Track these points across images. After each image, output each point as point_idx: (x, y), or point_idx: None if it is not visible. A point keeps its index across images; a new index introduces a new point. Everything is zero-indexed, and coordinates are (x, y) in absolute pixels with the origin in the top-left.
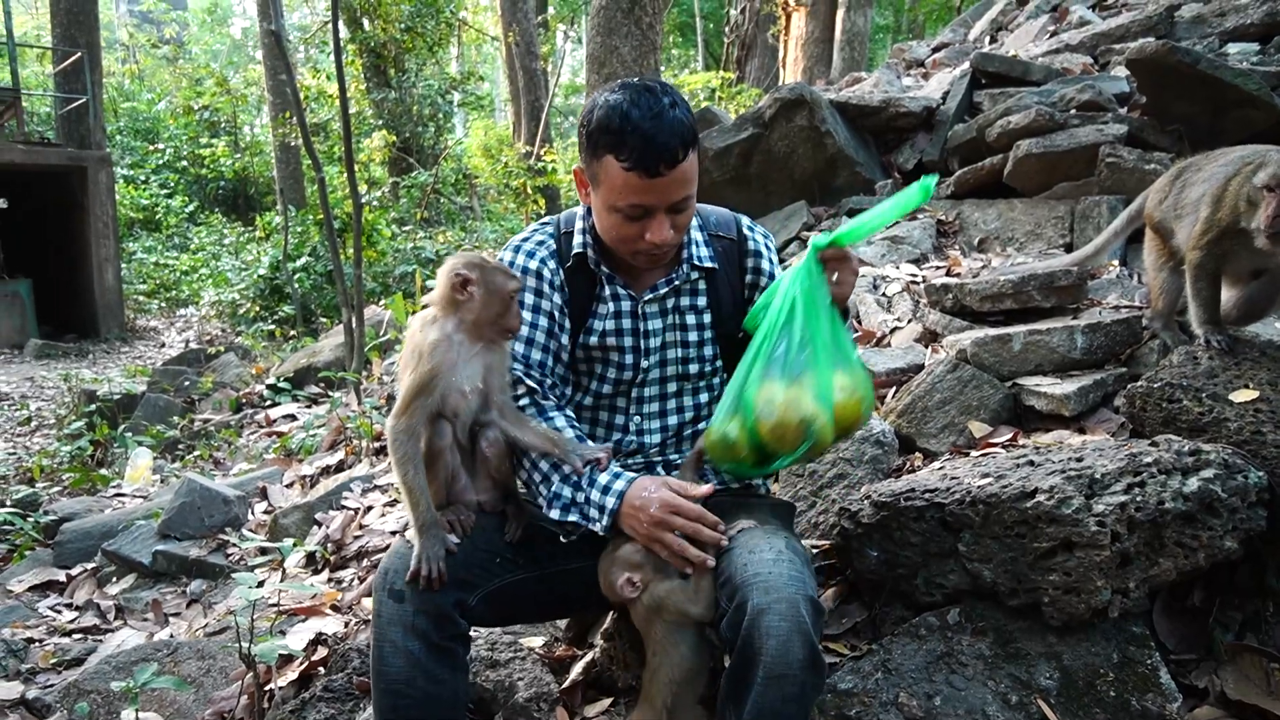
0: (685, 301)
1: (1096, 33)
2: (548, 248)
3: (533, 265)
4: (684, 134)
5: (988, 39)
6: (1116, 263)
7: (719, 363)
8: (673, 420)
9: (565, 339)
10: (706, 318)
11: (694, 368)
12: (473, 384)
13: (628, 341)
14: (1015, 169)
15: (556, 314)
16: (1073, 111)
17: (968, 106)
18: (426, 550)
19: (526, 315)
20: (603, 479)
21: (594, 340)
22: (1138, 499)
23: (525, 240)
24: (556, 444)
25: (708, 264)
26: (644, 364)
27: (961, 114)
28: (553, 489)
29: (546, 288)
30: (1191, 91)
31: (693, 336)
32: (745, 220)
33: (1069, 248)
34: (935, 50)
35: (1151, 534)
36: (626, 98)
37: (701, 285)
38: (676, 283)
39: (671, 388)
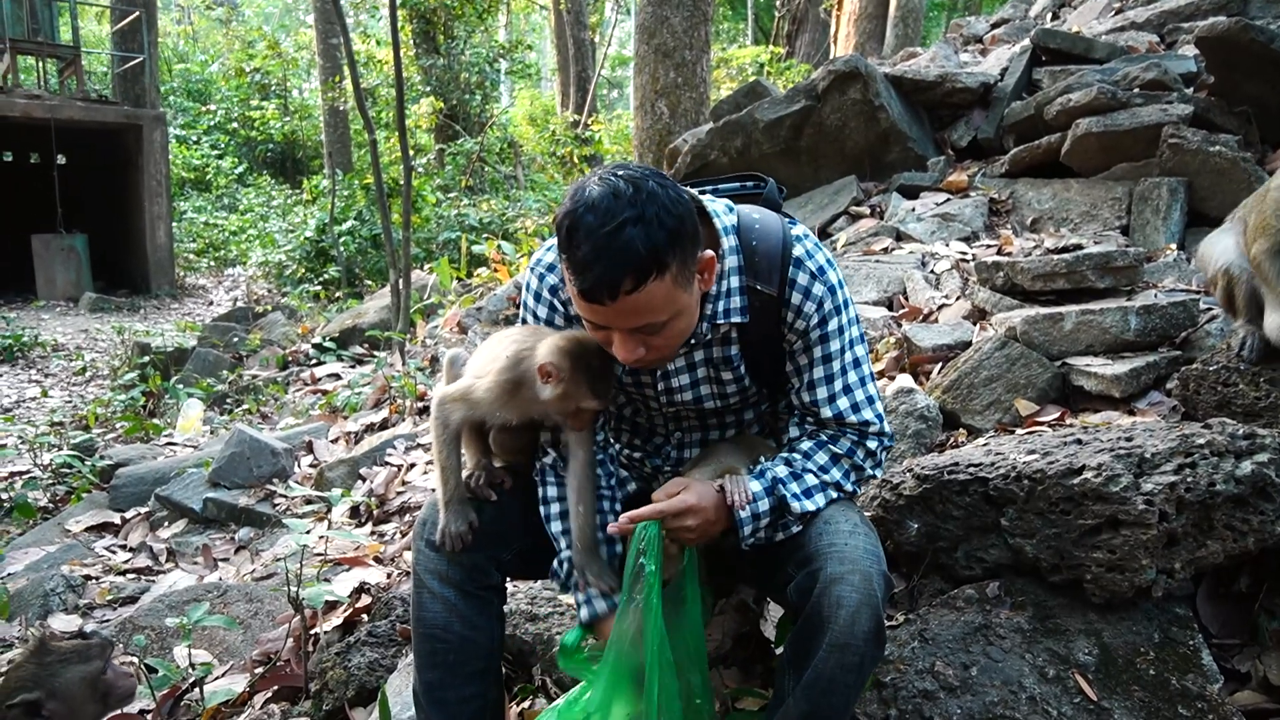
0: (716, 353)
1: (1164, 10)
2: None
3: (555, 308)
4: (634, 262)
5: (1049, 15)
6: (1174, 246)
7: (763, 390)
8: (714, 435)
9: None
10: (742, 369)
11: (734, 401)
12: (520, 419)
13: (649, 392)
14: (1073, 148)
15: None
16: (1136, 90)
17: (1026, 84)
18: (449, 524)
19: None
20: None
21: (615, 384)
22: (1188, 479)
23: (550, 270)
24: (581, 539)
25: (735, 319)
26: (672, 408)
27: (1019, 91)
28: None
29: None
30: (1263, 72)
31: (730, 389)
32: (799, 254)
33: (1125, 230)
34: (994, 26)
35: (1200, 515)
36: (592, 199)
37: (734, 334)
38: (693, 341)
39: (712, 420)
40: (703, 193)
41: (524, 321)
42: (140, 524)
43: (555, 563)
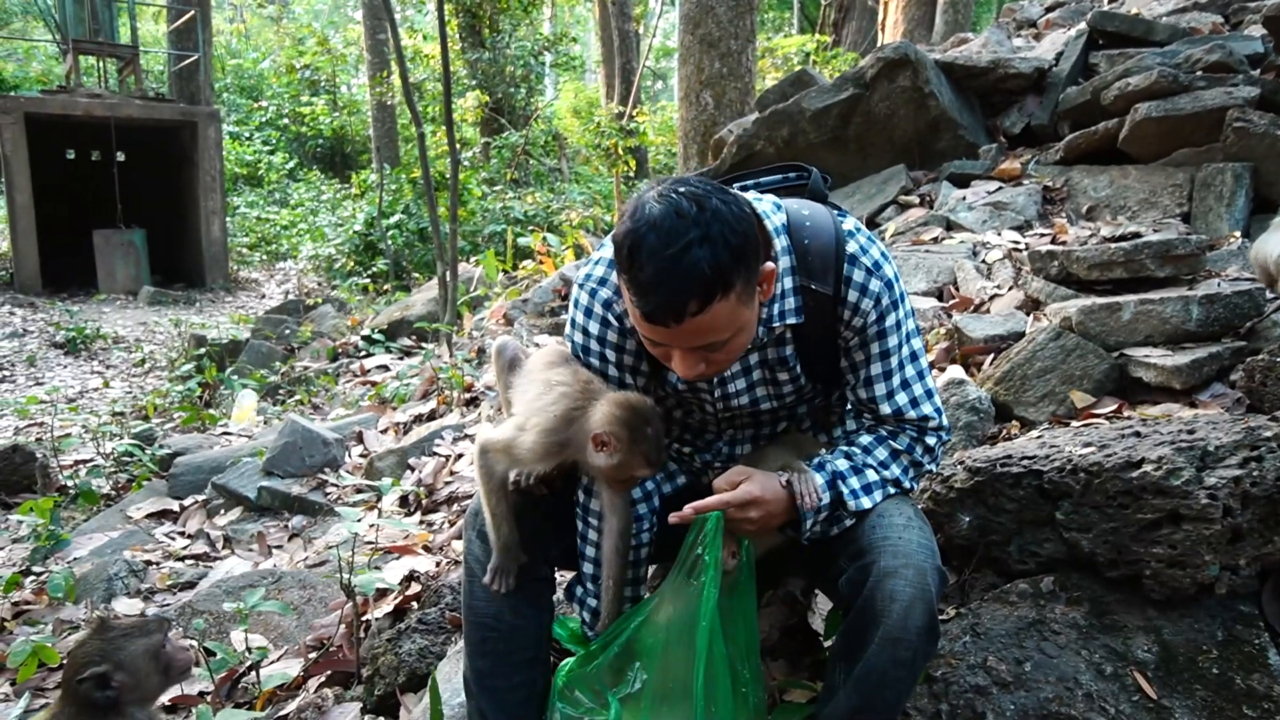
0: (771, 355)
1: None
2: (618, 295)
3: (608, 323)
4: (700, 283)
5: None
6: (1239, 234)
7: (818, 385)
8: (766, 431)
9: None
10: (798, 368)
11: (790, 400)
12: (558, 468)
13: (705, 398)
14: (1132, 133)
15: (627, 376)
16: (1199, 73)
17: (1082, 68)
18: (501, 566)
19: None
20: None
21: (669, 390)
22: (1254, 473)
23: (601, 284)
24: (608, 613)
25: (791, 320)
26: (728, 412)
27: (1075, 76)
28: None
29: (610, 352)
30: None
31: (786, 389)
32: (853, 250)
33: (1186, 217)
34: (1049, 10)
35: (1267, 510)
36: (654, 217)
37: (788, 335)
38: (749, 346)
39: (765, 417)
40: (744, 189)
41: (572, 341)
42: (198, 511)
43: (577, 587)
